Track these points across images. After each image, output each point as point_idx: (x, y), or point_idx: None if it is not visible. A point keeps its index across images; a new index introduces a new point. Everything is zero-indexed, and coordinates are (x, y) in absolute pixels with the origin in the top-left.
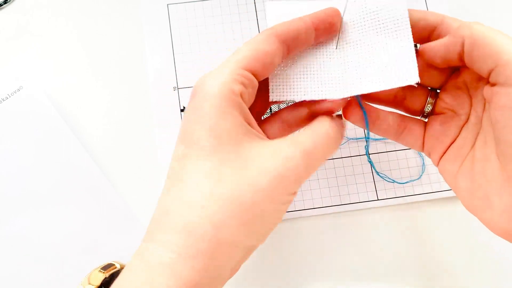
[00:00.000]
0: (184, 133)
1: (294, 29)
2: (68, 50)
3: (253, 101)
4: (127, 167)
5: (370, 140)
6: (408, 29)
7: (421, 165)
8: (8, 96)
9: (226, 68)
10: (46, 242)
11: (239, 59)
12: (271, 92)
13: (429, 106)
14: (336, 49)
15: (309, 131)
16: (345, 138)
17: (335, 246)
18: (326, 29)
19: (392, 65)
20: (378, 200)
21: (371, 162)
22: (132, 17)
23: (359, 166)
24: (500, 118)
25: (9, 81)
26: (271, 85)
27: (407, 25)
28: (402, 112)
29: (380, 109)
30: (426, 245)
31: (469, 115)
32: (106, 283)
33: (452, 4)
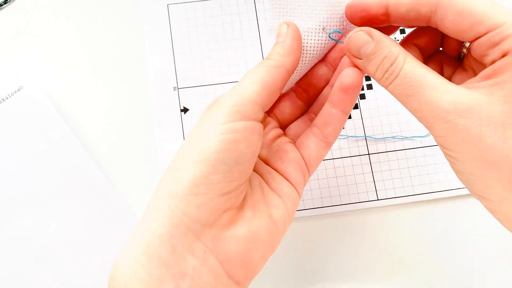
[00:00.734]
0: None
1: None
2: (68, 50)
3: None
4: (127, 167)
5: (370, 140)
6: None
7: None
8: (8, 96)
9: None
10: (46, 242)
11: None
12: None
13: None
14: None
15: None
16: (345, 136)
17: (335, 246)
18: None
19: None
20: (378, 200)
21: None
22: (132, 17)
23: (359, 166)
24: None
25: (9, 81)
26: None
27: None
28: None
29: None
30: (426, 245)
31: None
32: None
33: None
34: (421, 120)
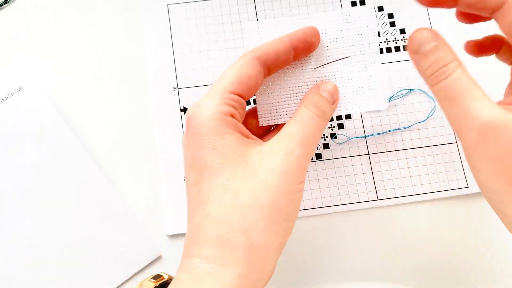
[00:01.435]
0: (191, 161)
1: (274, 51)
2: (68, 50)
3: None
4: (127, 167)
5: (370, 139)
6: (378, 54)
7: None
8: (8, 96)
9: (214, 94)
10: (46, 242)
11: (226, 84)
12: (260, 118)
13: None
14: (315, 70)
15: (296, 120)
16: (345, 137)
17: (335, 246)
18: (305, 49)
19: (366, 91)
20: (378, 200)
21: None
22: (132, 17)
23: (359, 166)
24: None
25: (9, 81)
26: (259, 112)
27: (377, 50)
28: None
29: None
30: (426, 245)
31: None
32: None
33: None
34: (456, 127)
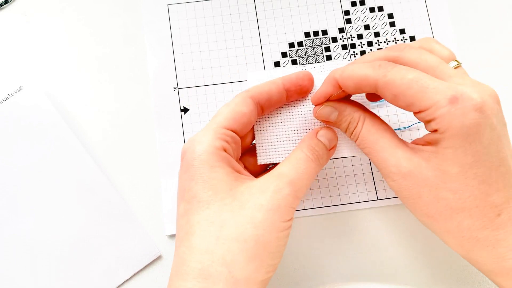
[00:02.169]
0: (182, 191)
1: (267, 91)
2: (68, 50)
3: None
4: (127, 167)
5: None
6: (368, 104)
7: None
8: (8, 96)
9: (209, 130)
10: (46, 242)
11: (220, 121)
12: (259, 156)
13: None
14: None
15: (290, 160)
16: None
17: (335, 246)
18: (297, 91)
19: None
20: (378, 200)
21: None
22: (132, 17)
23: (359, 166)
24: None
25: (9, 81)
26: (258, 150)
27: (366, 101)
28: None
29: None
30: (426, 245)
31: None
32: None
33: (452, 4)
34: (381, 173)
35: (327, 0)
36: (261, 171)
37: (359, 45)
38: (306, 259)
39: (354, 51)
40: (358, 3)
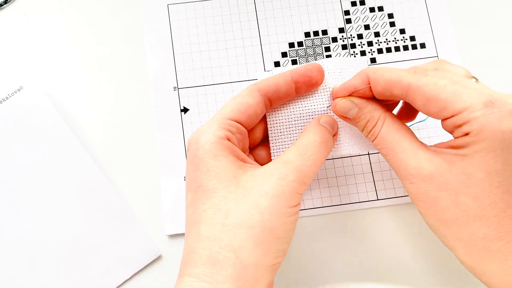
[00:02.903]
0: (189, 182)
1: (275, 83)
2: (68, 50)
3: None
4: (127, 167)
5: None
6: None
7: None
8: (8, 96)
9: (214, 121)
10: (46, 242)
11: (225, 112)
12: (272, 150)
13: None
14: (328, 108)
15: (296, 146)
16: None
17: (335, 246)
18: (306, 83)
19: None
20: (378, 200)
21: None
22: (132, 17)
23: (359, 166)
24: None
25: (9, 81)
26: (271, 144)
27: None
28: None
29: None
30: (426, 245)
31: None
32: None
33: (452, 4)
34: (396, 173)
35: (327, 0)
36: None
37: (359, 45)
38: (306, 259)
39: (354, 51)
40: (358, 3)
